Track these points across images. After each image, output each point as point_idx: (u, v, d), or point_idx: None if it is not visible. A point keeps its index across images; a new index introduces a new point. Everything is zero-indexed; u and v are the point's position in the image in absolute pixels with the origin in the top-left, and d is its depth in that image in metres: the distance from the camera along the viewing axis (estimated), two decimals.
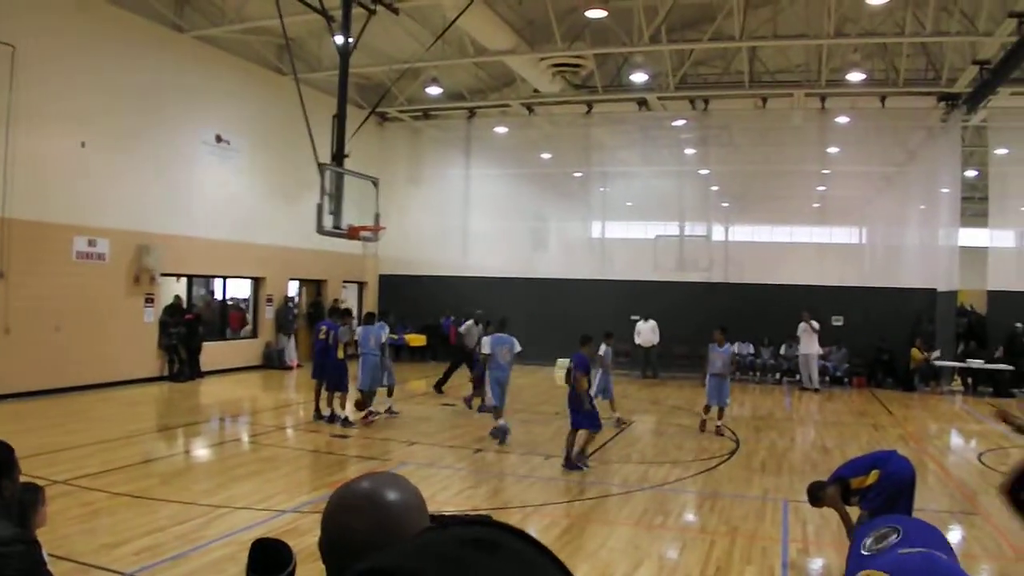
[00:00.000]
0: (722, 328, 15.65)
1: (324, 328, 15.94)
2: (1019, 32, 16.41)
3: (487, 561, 0.87)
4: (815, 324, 22.04)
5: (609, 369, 15.94)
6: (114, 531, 8.03)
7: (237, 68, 22.08)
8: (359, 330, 15.64)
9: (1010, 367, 22.03)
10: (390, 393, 16.26)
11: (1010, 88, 20.86)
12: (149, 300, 19.60)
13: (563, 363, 23.68)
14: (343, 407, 15.29)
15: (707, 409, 15.28)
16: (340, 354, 15.33)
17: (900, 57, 22.02)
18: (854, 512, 7.16)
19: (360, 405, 15.30)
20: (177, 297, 20.68)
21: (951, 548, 3.72)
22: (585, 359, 12.48)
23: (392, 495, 1.65)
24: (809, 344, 22.34)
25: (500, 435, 13.81)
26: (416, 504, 1.66)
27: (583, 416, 12.03)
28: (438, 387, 19.23)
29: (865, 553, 3.69)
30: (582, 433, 12.07)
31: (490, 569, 0.86)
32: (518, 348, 14.60)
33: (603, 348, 15.64)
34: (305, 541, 6.30)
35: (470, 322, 18.82)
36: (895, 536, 3.66)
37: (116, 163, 18.35)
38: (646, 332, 23.86)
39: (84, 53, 17.47)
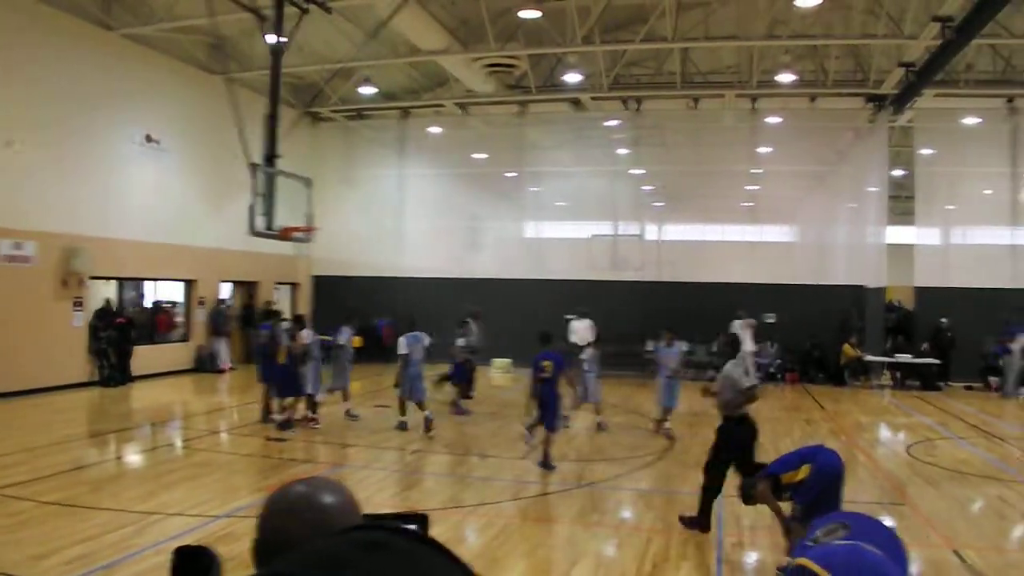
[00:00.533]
0: (669, 328, 15.66)
1: (265, 332, 15.71)
2: (943, 35, 16.78)
3: (369, 562, 0.88)
4: (752, 321, 22.33)
5: (594, 373, 15.66)
6: (43, 541, 7.84)
7: (167, 67, 21.63)
8: (305, 333, 15.33)
9: (936, 361, 22.59)
10: (345, 397, 16.00)
11: (935, 90, 21.40)
12: (78, 304, 19.13)
13: (500, 363, 23.73)
14: (282, 410, 15.03)
15: (666, 412, 15.09)
16: (281, 359, 15.07)
17: (829, 59, 22.45)
18: (786, 507, 7.27)
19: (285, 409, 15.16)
20: (107, 300, 20.26)
21: (901, 547, 3.75)
22: (563, 359, 12.50)
23: (327, 498, 1.65)
24: (744, 341, 22.61)
25: (403, 426, 14.45)
26: (350, 507, 1.66)
27: (556, 416, 12.10)
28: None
29: (808, 544, 3.75)
30: (543, 431, 12.06)
31: (371, 570, 0.87)
32: (427, 342, 14.90)
33: (589, 351, 15.67)
34: (240, 546, 6.23)
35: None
36: (843, 531, 3.71)
37: (43, 163, 17.89)
38: (581, 331, 23.86)
39: (9, 50, 17.00)
